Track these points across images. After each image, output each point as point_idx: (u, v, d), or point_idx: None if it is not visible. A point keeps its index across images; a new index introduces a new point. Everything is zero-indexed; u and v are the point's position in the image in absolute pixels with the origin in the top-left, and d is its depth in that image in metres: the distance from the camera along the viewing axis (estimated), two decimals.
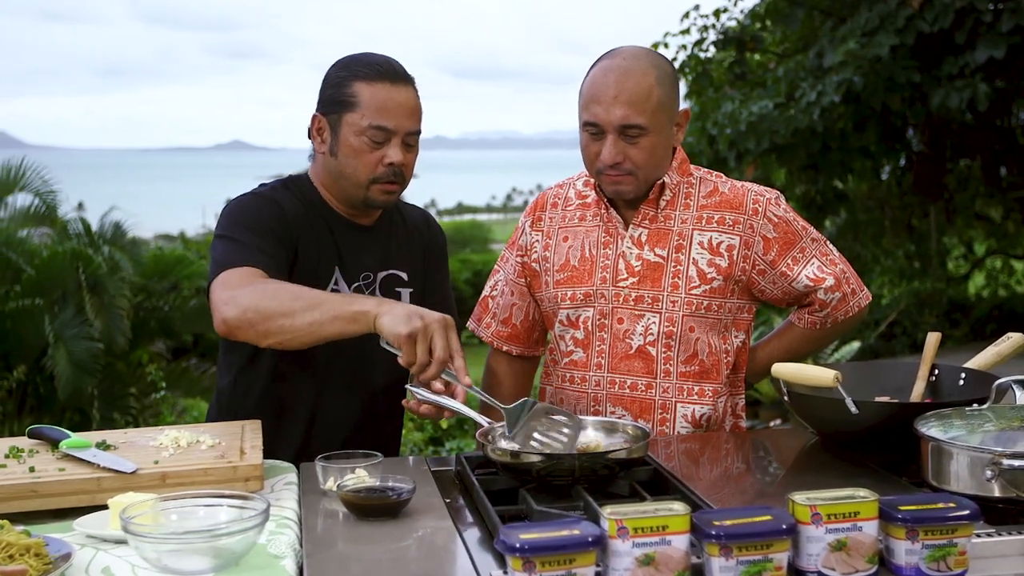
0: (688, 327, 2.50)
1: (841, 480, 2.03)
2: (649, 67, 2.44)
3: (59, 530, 1.81)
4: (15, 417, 9.63)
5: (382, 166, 2.45)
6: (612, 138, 2.43)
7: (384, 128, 2.43)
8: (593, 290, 2.55)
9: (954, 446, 1.87)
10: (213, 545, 1.64)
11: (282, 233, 2.42)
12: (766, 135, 9.60)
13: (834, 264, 2.61)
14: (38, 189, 11.22)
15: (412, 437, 6.53)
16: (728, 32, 11.42)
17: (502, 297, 2.77)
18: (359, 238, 2.57)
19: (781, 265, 2.54)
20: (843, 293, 2.60)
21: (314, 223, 2.52)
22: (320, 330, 2.16)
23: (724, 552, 1.55)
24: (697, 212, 2.54)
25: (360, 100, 2.43)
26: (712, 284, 2.50)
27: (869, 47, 8.93)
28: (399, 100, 2.45)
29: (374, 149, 2.44)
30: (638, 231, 2.54)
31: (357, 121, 2.43)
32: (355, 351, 2.45)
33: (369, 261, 2.58)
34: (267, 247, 2.35)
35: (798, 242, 2.56)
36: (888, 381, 2.47)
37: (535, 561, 1.50)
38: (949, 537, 1.62)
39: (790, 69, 10.16)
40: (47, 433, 2.12)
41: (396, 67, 2.49)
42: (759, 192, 2.57)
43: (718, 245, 2.51)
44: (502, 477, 2.08)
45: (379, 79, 2.45)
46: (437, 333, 2.08)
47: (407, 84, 2.49)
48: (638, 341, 2.51)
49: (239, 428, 2.22)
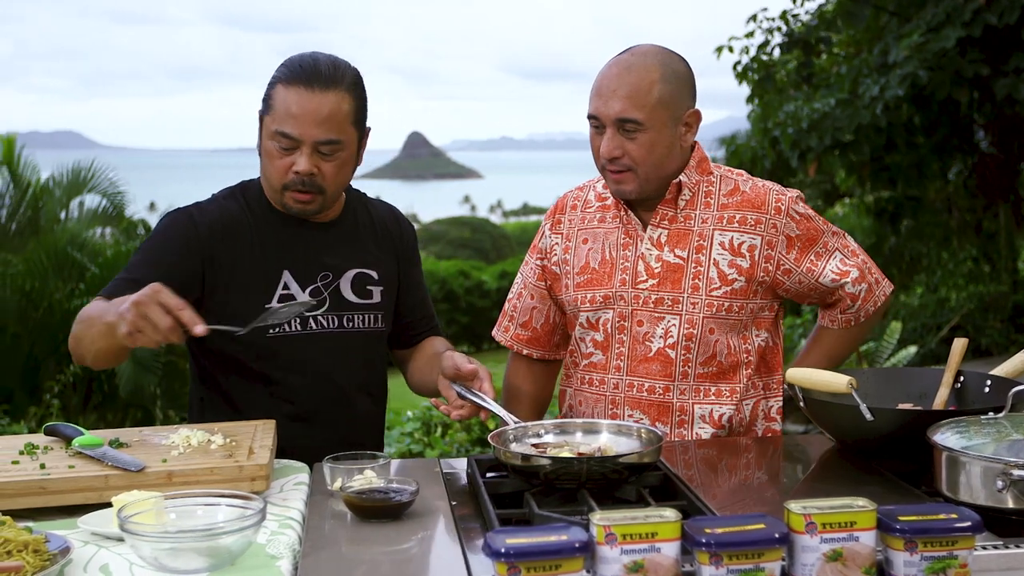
0: (708, 329, 2.47)
1: (853, 489, 1.97)
2: (655, 64, 2.42)
3: (64, 527, 1.83)
4: (80, 412, 9.82)
5: (291, 173, 2.38)
6: (610, 131, 2.42)
7: (288, 135, 2.35)
8: (613, 292, 2.53)
9: (966, 456, 1.82)
10: (208, 544, 1.65)
11: (187, 252, 2.40)
12: (828, 132, 9.45)
13: (855, 255, 2.59)
14: (106, 190, 11.45)
15: (458, 438, 6.54)
16: (794, 34, 11.28)
17: (520, 301, 2.76)
18: (317, 237, 2.51)
19: (805, 262, 2.51)
20: (868, 284, 2.58)
21: (255, 227, 2.47)
22: (105, 347, 2.21)
23: (714, 560, 1.52)
24: (718, 212, 2.50)
25: (275, 103, 2.38)
26: (733, 286, 2.47)
27: (935, 40, 8.77)
28: (309, 107, 2.34)
29: (283, 155, 2.37)
30: (657, 232, 2.52)
31: (270, 124, 2.38)
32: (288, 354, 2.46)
33: (329, 260, 2.51)
34: (149, 275, 2.26)
35: (820, 237, 2.53)
36: (913, 387, 2.42)
37: (520, 566, 1.48)
38: (949, 549, 1.57)
39: (854, 67, 10.01)
40: (62, 430, 2.15)
41: (322, 71, 2.37)
42: (781, 191, 2.53)
43: (739, 246, 2.47)
44: (512, 480, 2.07)
45: (296, 83, 2.36)
46: (148, 308, 1.98)
47: (328, 90, 2.35)
48: (658, 344, 2.49)
49: (252, 428, 2.23)
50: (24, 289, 9.65)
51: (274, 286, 2.45)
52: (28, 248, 10.16)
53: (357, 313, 2.53)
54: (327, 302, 2.49)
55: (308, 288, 2.48)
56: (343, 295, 2.52)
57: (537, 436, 2.22)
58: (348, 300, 2.52)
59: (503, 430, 2.18)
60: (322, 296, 2.49)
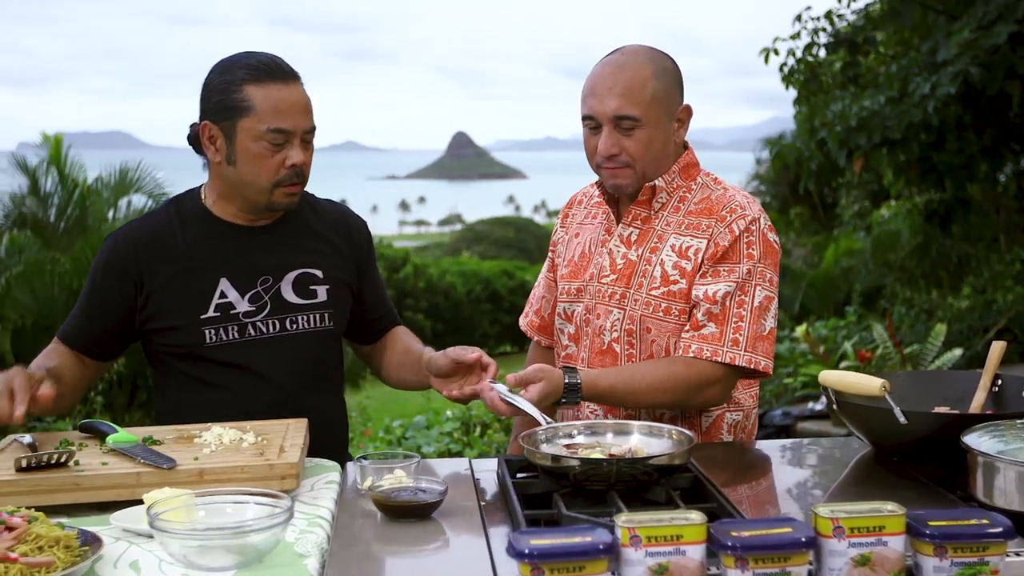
0: (645, 327, 2.47)
1: (886, 493, 1.96)
2: (646, 62, 2.45)
3: (97, 523, 1.85)
4: (124, 410, 9.95)
5: (284, 168, 2.40)
6: (607, 130, 2.44)
7: (283, 130, 2.38)
8: (583, 285, 2.58)
9: (1001, 461, 1.80)
10: (236, 542, 1.66)
11: (117, 280, 2.46)
12: (877, 130, 9.35)
13: (741, 305, 2.41)
14: (152, 191, 11.59)
15: (496, 438, 6.55)
16: (839, 34, 11.18)
17: (538, 289, 2.87)
18: (254, 242, 2.50)
19: (705, 268, 2.43)
20: (720, 329, 2.39)
21: (190, 240, 2.47)
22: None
23: (740, 564, 1.51)
24: (683, 217, 2.51)
25: (254, 104, 2.37)
26: (671, 287, 2.45)
27: (986, 37, 8.66)
28: (292, 100, 2.40)
29: (275, 152, 2.38)
30: (628, 230, 2.55)
31: (253, 126, 2.37)
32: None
33: (268, 263, 2.49)
34: (82, 310, 2.52)
35: (737, 263, 2.42)
36: (950, 391, 2.39)
37: (543, 567, 1.48)
38: (980, 555, 1.55)
39: (902, 66, 9.89)
40: (97, 427, 2.17)
41: (283, 65, 2.43)
42: (742, 205, 2.47)
43: (687, 249, 2.47)
44: (541, 481, 2.07)
45: (269, 80, 2.38)
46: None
47: (296, 81, 2.43)
48: (608, 336, 2.52)
49: (284, 427, 2.24)
50: (71, 287, 9.78)
51: (209, 295, 2.44)
52: (75, 247, 10.29)
53: (301, 314, 2.51)
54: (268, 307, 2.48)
55: (248, 293, 2.46)
56: (284, 297, 2.50)
57: (569, 437, 2.22)
58: (289, 302, 2.51)
59: (534, 431, 2.18)
60: (262, 301, 2.48)
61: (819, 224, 18.02)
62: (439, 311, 22.29)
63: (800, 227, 18.11)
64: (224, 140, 2.42)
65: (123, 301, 2.46)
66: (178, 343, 2.45)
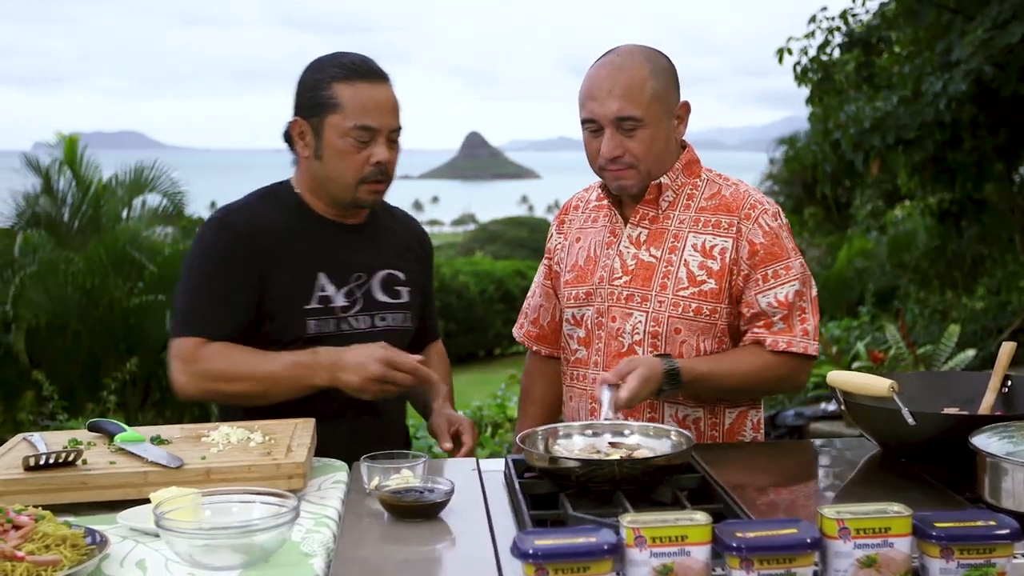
0: (673, 328, 2.46)
1: (894, 494, 1.95)
2: (643, 61, 2.45)
3: (104, 522, 1.86)
4: (138, 409, 9.97)
5: (369, 166, 2.45)
6: (610, 132, 2.44)
7: (369, 127, 2.43)
8: (593, 288, 2.56)
9: (1009, 462, 1.79)
10: (242, 542, 1.66)
11: (241, 258, 2.46)
12: (892, 130, 9.32)
13: (802, 298, 2.48)
14: (166, 190, 11.63)
15: (507, 438, 6.54)
16: (854, 34, 11.14)
17: (533, 299, 2.84)
18: (348, 238, 2.57)
19: (757, 274, 2.45)
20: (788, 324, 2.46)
21: (292, 231, 2.51)
22: (296, 395, 2.38)
23: (745, 565, 1.51)
24: (696, 214, 2.51)
25: (342, 101, 2.43)
26: (701, 287, 2.45)
27: (1000, 36, 8.62)
28: (380, 98, 2.46)
29: (360, 149, 2.44)
30: (637, 231, 2.54)
31: (340, 123, 2.44)
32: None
33: (361, 260, 2.57)
34: (220, 299, 2.45)
35: (781, 258, 2.46)
36: (960, 392, 2.38)
37: (548, 568, 1.48)
38: (987, 557, 1.54)
39: (916, 66, 9.85)
40: (105, 427, 2.18)
41: (372, 65, 2.48)
42: (759, 200, 2.51)
43: (711, 248, 2.47)
44: (549, 481, 2.07)
45: (358, 78, 2.45)
46: (390, 376, 2.30)
47: (385, 81, 2.49)
48: (628, 339, 2.50)
49: (291, 426, 2.25)
50: (85, 287, 9.81)
51: (311, 288, 2.49)
52: (89, 247, 10.33)
53: (388, 312, 2.59)
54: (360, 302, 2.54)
55: (344, 288, 2.52)
56: (374, 295, 2.57)
57: (567, 438, 2.23)
58: (379, 300, 2.58)
59: (533, 431, 2.20)
60: (355, 297, 2.53)
61: (833, 224, 17.97)
62: (452, 311, 22.30)
63: (814, 227, 18.05)
64: (312, 135, 2.49)
65: (254, 287, 2.47)
66: (281, 332, 2.49)
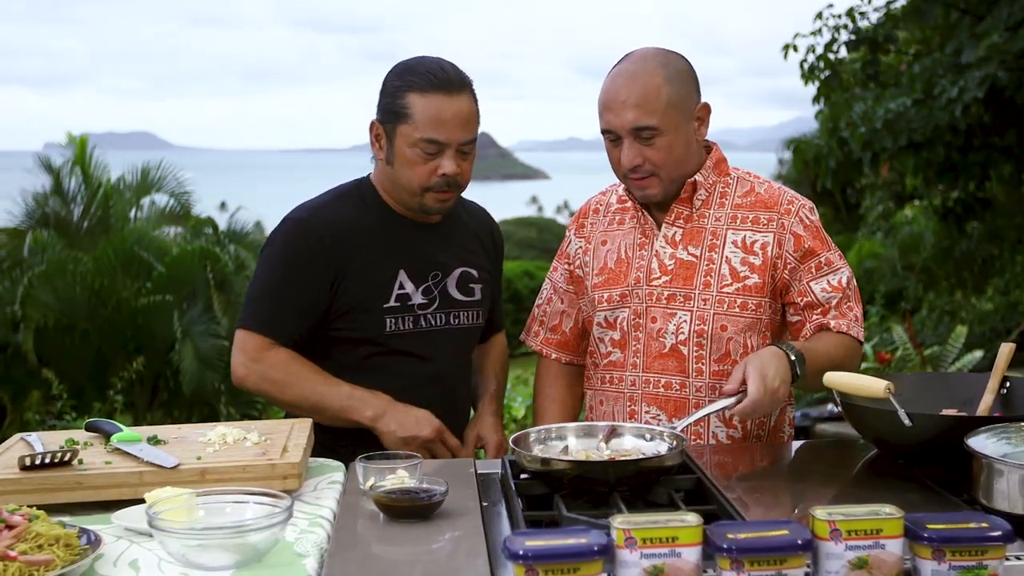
0: (719, 326, 2.46)
1: (890, 496, 1.94)
2: (657, 67, 2.43)
3: (99, 522, 1.86)
4: (145, 410, 10.00)
5: (435, 177, 2.48)
6: (628, 142, 2.43)
7: (436, 141, 2.46)
8: (628, 290, 2.54)
9: (1004, 463, 1.79)
10: (235, 542, 1.66)
11: (318, 268, 2.50)
12: (903, 133, 9.28)
13: (849, 286, 2.53)
14: (174, 190, 11.66)
15: None
16: (861, 32, 11.11)
17: (550, 305, 2.79)
18: (427, 237, 2.62)
19: (807, 264, 2.49)
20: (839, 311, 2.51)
21: (373, 228, 2.56)
22: (326, 422, 2.48)
23: (736, 566, 1.51)
24: (732, 211, 2.51)
25: (413, 112, 2.45)
26: (745, 283, 2.46)
27: (1013, 41, 8.57)
28: (452, 111, 2.46)
29: (427, 160, 2.47)
30: (672, 230, 2.53)
31: (410, 133, 2.46)
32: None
33: (439, 258, 2.62)
34: (290, 301, 2.51)
35: (822, 251, 2.51)
36: (958, 393, 2.37)
37: (538, 569, 1.48)
38: (979, 559, 1.54)
39: (926, 67, 9.81)
40: (102, 427, 2.18)
41: (451, 75, 2.49)
42: (795, 196, 2.54)
43: (752, 244, 2.48)
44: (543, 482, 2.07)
45: (432, 90, 2.46)
46: (434, 448, 2.52)
47: (461, 92, 2.49)
48: (671, 340, 2.49)
49: (288, 426, 2.25)
50: (93, 287, 9.84)
51: (391, 286, 2.54)
52: (98, 247, 10.36)
53: (463, 310, 2.65)
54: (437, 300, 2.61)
55: (422, 286, 2.58)
56: (450, 293, 2.62)
57: (562, 439, 2.22)
58: (454, 298, 2.63)
59: (526, 432, 2.20)
60: (432, 295, 2.60)
61: (842, 225, 17.94)
62: None
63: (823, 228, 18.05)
64: (386, 140, 2.53)
65: (319, 294, 2.52)
66: (358, 329, 2.54)
